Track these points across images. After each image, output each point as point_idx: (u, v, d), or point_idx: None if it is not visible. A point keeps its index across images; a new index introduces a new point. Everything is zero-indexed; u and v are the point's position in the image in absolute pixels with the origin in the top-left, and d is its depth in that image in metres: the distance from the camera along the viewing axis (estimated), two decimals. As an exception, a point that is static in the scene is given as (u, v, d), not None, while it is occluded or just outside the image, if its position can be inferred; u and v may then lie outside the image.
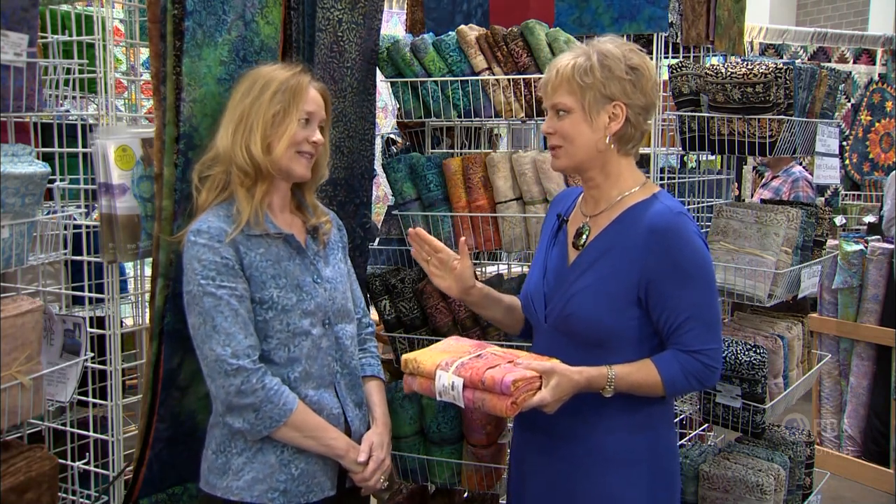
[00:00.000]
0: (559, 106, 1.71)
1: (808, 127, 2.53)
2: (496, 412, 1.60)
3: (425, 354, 1.74)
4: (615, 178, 1.75)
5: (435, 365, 1.67)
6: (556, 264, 1.81)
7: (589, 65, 1.68)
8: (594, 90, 1.68)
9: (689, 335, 1.67)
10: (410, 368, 1.72)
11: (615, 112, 1.70)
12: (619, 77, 1.68)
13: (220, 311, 1.63)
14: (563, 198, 1.95)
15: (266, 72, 1.74)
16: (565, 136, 1.71)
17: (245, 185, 1.70)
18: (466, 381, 1.61)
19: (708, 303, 1.69)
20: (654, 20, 2.41)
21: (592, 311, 1.70)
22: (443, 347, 1.79)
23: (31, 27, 1.83)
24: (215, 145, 1.73)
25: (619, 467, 1.73)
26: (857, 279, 4.13)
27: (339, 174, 2.28)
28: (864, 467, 4.16)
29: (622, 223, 1.73)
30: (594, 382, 1.65)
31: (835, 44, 6.24)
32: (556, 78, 1.71)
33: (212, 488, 1.71)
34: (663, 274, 1.66)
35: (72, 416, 2.23)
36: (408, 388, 1.75)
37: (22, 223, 1.86)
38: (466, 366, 1.64)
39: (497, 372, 1.59)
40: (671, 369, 1.67)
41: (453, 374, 1.63)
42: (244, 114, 1.70)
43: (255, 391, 1.63)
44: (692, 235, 1.69)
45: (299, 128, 1.72)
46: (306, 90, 1.73)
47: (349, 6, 2.20)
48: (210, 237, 1.65)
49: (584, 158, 1.72)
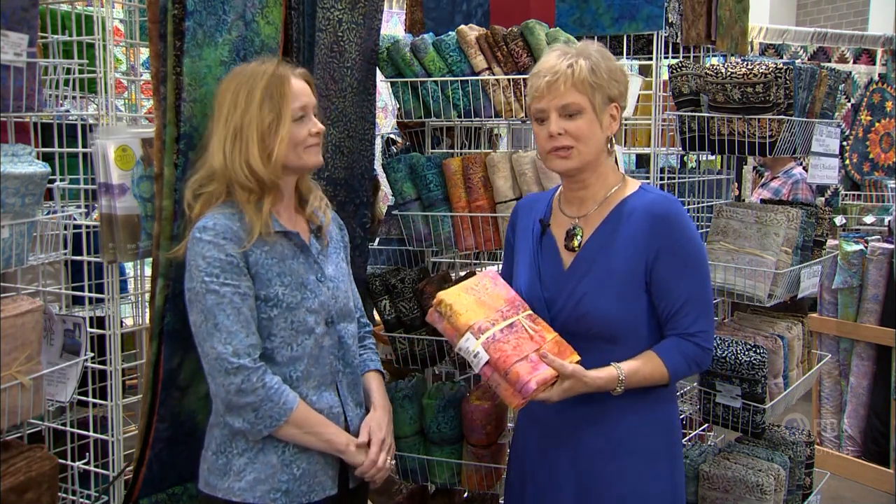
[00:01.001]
0: (572, 107, 1.70)
1: (808, 127, 2.53)
2: (505, 400, 1.65)
3: (462, 301, 1.74)
4: (603, 178, 1.80)
5: (468, 324, 1.68)
6: (550, 269, 1.82)
7: (595, 66, 1.70)
8: (602, 91, 1.71)
9: (687, 318, 1.73)
10: (442, 310, 1.73)
11: (613, 114, 1.75)
12: (617, 80, 1.74)
13: (223, 308, 1.62)
14: (530, 203, 1.95)
15: (245, 76, 1.69)
16: (580, 137, 1.71)
17: (251, 201, 1.68)
18: (492, 360, 1.64)
19: (705, 287, 1.77)
20: (651, 19, 2.42)
21: (606, 307, 1.73)
22: (478, 294, 1.77)
23: (31, 27, 1.82)
24: (208, 163, 1.69)
25: (642, 458, 1.76)
26: (857, 279, 4.13)
27: (340, 174, 2.28)
28: (864, 467, 4.16)
29: (617, 218, 1.76)
30: (604, 388, 1.69)
31: (835, 44, 6.23)
32: (568, 77, 1.69)
33: (212, 489, 1.71)
34: (667, 257, 1.72)
35: (72, 416, 2.23)
36: (430, 319, 1.76)
37: (22, 223, 1.86)
38: (498, 343, 1.66)
39: (524, 369, 1.62)
40: (674, 359, 1.73)
41: (481, 346, 1.65)
42: (237, 128, 1.66)
43: (256, 390, 1.63)
44: (690, 222, 1.77)
45: (297, 126, 1.71)
46: (290, 85, 1.70)
47: (349, 6, 2.20)
48: (216, 234, 1.64)
49: (591, 159, 1.75)
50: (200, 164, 1.72)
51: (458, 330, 1.70)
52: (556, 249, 1.83)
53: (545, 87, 1.72)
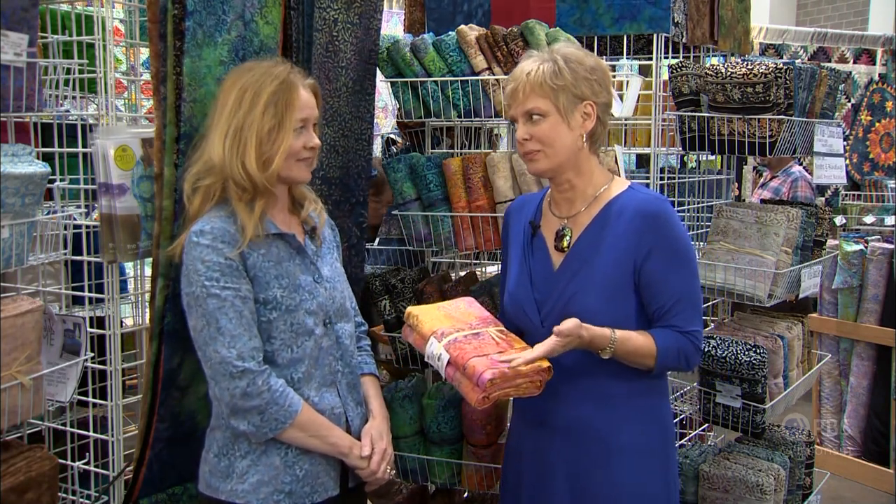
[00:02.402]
0: (534, 111, 1.73)
1: (808, 127, 2.53)
2: (467, 397, 1.66)
3: (429, 314, 1.80)
4: (588, 177, 1.81)
5: (432, 331, 1.74)
6: (540, 270, 1.83)
7: (557, 68, 1.71)
8: (566, 91, 1.71)
9: (679, 317, 1.74)
10: (410, 322, 1.80)
11: (587, 111, 1.75)
12: (585, 77, 1.73)
13: (225, 312, 1.62)
14: (521, 205, 1.97)
15: (255, 76, 1.68)
16: (544, 140, 1.73)
17: (244, 200, 1.67)
18: (451, 359, 1.67)
19: (696, 285, 1.78)
20: (655, 21, 2.41)
21: (595, 308, 1.72)
22: (448, 311, 1.83)
23: (31, 27, 1.82)
24: (206, 154, 1.68)
25: (636, 458, 1.77)
26: (857, 279, 4.13)
27: (334, 173, 2.28)
28: (864, 467, 4.16)
29: (606, 217, 1.77)
30: (596, 342, 1.69)
31: (835, 44, 6.23)
32: (526, 83, 1.72)
33: (214, 491, 1.71)
34: (657, 256, 1.72)
35: (72, 416, 2.23)
36: (404, 337, 1.85)
37: (22, 223, 1.86)
38: (458, 343, 1.69)
39: (480, 363, 1.63)
40: (667, 342, 1.73)
41: (443, 347, 1.69)
42: (238, 128, 1.65)
43: (261, 393, 1.62)
44: (678, 220, 1.77)
45: (295, 137, 1.69)
46: (298, 96, 1.69)
47: (345, 6, 2.20)
48: (213, 237, 1.63)
49: (563, 160, 1.76)
50: (199, 156, 1.70)
51: (423, 338, 1.74)
52: (546, 250, 1.84)
53: (510, 94, 1.77)
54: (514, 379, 1.63)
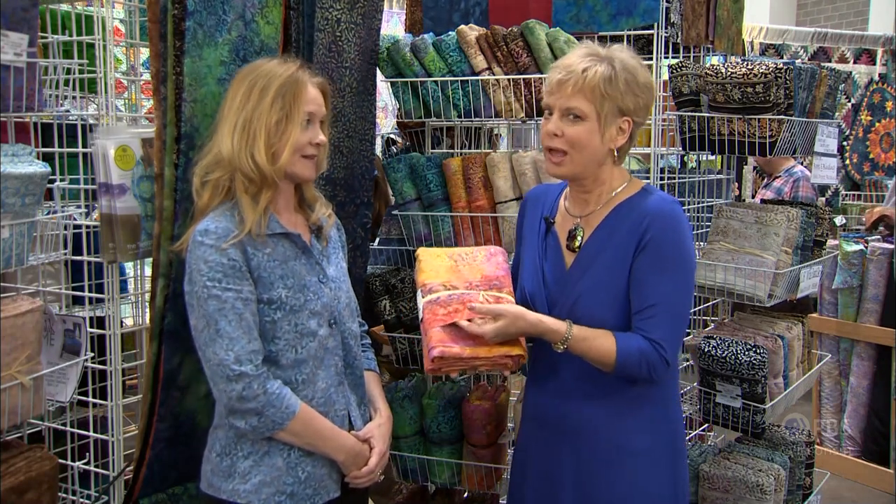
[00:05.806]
0: (575, 110, 1.67)
1: (808, 127, 2.53)
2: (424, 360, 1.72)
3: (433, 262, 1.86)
4: (605, 183, 1.78)
5: (423, 282, 1.80)
6: (553, 268, 1.82)
7: (613, 75, 1.66)
8: (613, 102, 1.67)
9: (651, 321, 1.68)
10: (416, 265, 1.88)
11: (622, 127, 1.71)
12: (636, 93, 1.69)
13: (225, 314, 1.61)
14: (539, 195, 1.94)
15: (264, 72, 1.70)
16: (575, 143, 1.69)
17: (250, 192, 1.67)
18: (422, 318, 1.75)
19: (679, 296, 1.71)
20: (648, 12, 2.39)
21: (598, 311, 1.72)
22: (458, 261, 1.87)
23: (31, 27, 1.82)
24: (216, 148, 1.69)
25: (645, 462, 1.76)
26: (857, 279, 4.13)
27: (339, 174, 2.28)
28: (864, 467, 4.16)
29: (615, 218, 1.75)
30: (549, 335, 1.69)
31: (835, 44, 6.23)
32: (579, 79, 1.66)
33: (216, 491, 1.70)
34: (644, 254, 1.69)
35: (72, 416, 2.23)
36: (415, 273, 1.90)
37: (22, 223, 1.86)
38: (436, 305, 1.73)
39: (437, 336, 1.68)
40: (629, 346, 1.67)
41: (422, 302, 1.77)
42: (246, 120, 1.66)
43: (257, 396, 1.62)
44: (685, 229, 1.72)
45: (301, 131, 1.69)
46: (306, 90, 1.70)
47: (348, 6, 2.20)
48: (217, 237, 1.63)
49: (585, 168, 1.73)
50: (209, 149, 1.71)
51: (416, 286, 1.81)
52: (559, 249, 1.83)
53: (555, 83, 1.70)
54: (472, 360, 1.67)
